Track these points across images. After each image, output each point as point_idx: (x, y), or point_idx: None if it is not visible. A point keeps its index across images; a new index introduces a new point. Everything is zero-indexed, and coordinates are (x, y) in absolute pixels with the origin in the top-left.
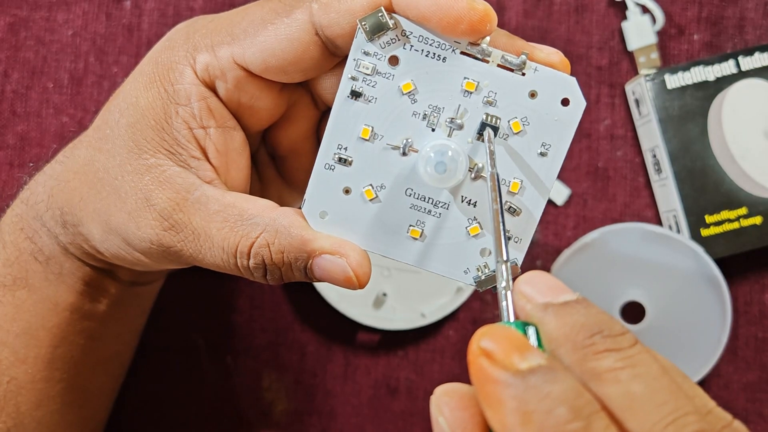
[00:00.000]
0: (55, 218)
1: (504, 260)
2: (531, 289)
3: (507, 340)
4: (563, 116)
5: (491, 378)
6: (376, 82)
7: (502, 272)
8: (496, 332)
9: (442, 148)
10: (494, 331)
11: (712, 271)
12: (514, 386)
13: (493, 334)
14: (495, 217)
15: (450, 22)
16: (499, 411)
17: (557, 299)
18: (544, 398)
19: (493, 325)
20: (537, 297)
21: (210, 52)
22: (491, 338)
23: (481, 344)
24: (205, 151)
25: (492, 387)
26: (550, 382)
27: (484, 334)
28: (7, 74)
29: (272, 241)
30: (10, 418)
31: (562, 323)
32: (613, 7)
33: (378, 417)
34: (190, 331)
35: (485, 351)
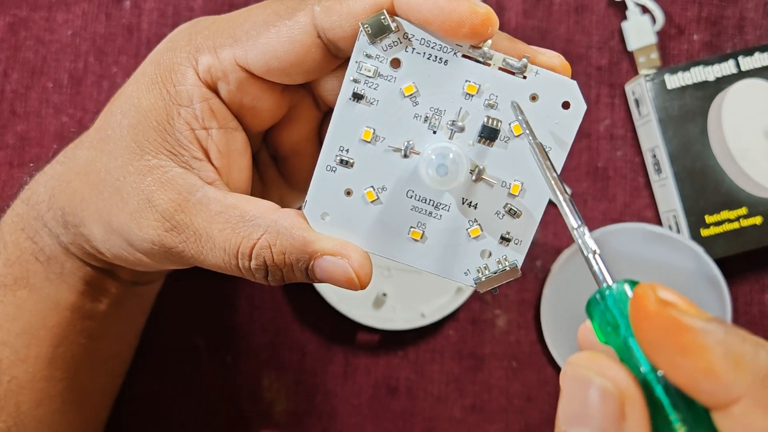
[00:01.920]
0: (57, 218)
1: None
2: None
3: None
4: (564, 119)
5: (687, 326)
6: (377, 84)
7: (583, 238)
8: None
9: (444, 151)
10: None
11: (712, 271)
12: (715, 333)
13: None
14: (556, 185)
15: (452, 25)
16: (703, 358)
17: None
18: (745, 342)
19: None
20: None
21: (212, 53)
22: (667, 291)
23: (661, 295)
24: (207, 152)
25: (689, 335)
26: (735, 329)
27: (653, 287)
28: (6, 74)
29: (274, 243)
30: (11, 417)
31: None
32: (612, 7)
33: (378, 417)
34: (190, 331)
35: (668, 302)
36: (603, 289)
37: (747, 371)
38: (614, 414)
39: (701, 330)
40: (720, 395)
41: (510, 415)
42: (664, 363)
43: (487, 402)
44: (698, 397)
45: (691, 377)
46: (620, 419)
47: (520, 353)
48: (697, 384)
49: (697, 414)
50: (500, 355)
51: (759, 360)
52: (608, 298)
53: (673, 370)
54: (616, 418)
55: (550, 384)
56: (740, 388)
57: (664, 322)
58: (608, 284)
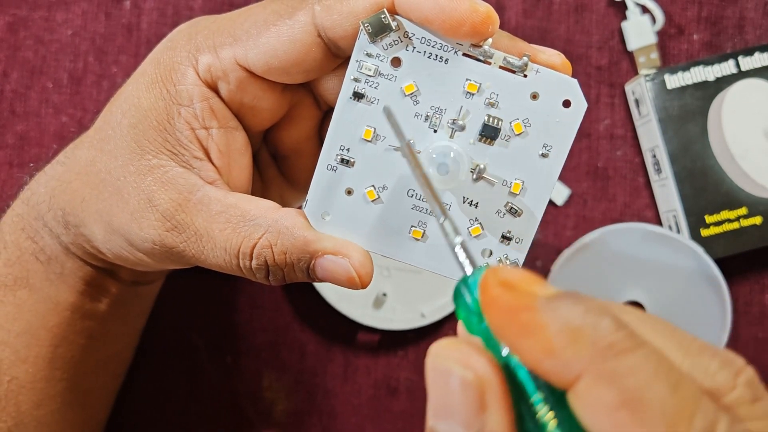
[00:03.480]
0: (57, 219)
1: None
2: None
3: (521, 274)
4: (564, 118)
5: (525, 306)
6: (378, 83)
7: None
8: (506, 269)
9: (445, 150)
10: (504, 269)
11: (712, 271)
12: (551, 309)
13: (505, 270)
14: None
15: (452, 24)
16: (542, 336)
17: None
18: (585, 314)
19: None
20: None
21: (212, 53)
22: (507, 273)
23: (502, 277)
24: (208, 152)
25: (527, 315)
26: (580, 301)
27: (494, 271)
28: (6, 74)
29: (275, 242)
30: (11, 418)
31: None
32: (612, 6)
33: (378, 417)
34: (190, 332)
35: (507, 284)
36: (465, 277)
37: (585, 345)
38: (475, 404)
39: (539, 308)
40: (563, 374)
41: None
42: (512, 346)
43: None
44: (548, 378)
45: (535, 358)
46: (481, 409)
47: None
48: (542, 365)
49: (557, 396)
50: None
51: (599, 331)
52: (469, 287)
53: (520, 353)
54: (477, 408)
55: None
56: (580, 363)
57: (504, 305)
58: (469, 272)
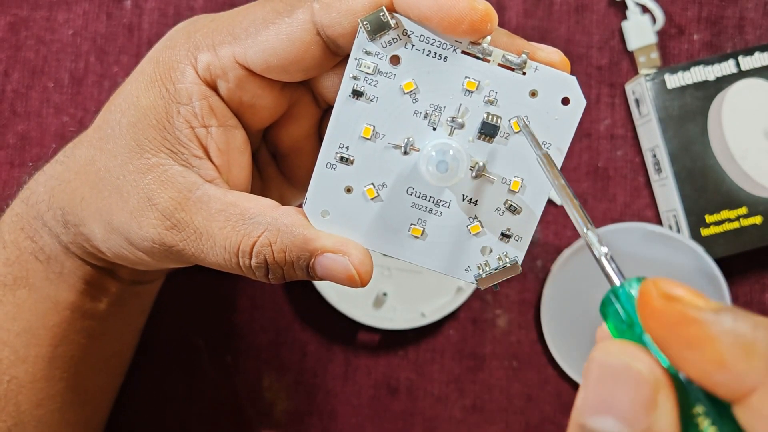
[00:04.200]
0: (56, 218)
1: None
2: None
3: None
4: (563, 115)
5: (692, 319)
6: (377, 81)
7: (593, 240)
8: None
9: (444, 147)
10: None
11: (712, 271)
12: (721, 323)
13: (666, 282)
14: (564, 192)
15: (451, 21)
16: (711, 350)
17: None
18: (755, 329)
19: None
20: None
21: (211, 51)
22: (671, 285)
23: (665, 290)
24: (207, 150)
25: (696, 328)
26: (746, 316)
27: (656, 283)
28: (7, 74)
29: (274, 240)
30: (11, 417)
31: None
32: (613, 6)
33: (378, 417)
34: (190, 331)
35: (672, 296)
36: (615, 288)
37: (760, 358)
38: (646, 401)
39: (707, 321)
40: (735, 387)
41: (510, 415)
42: (676, 358)
43: (487, 402)
44: (715, 390)
45: (703, 371)
46: (652, 407)
47: (520, 353)
48: (711, 377)
49: (720, 408)
50: (501, 354)
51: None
52: (620, 297)
53: (686, 365)
54: (648, 406)
55: (551, 384)
56: (755, 376)
57: (669, 317)
58: (619, 283)
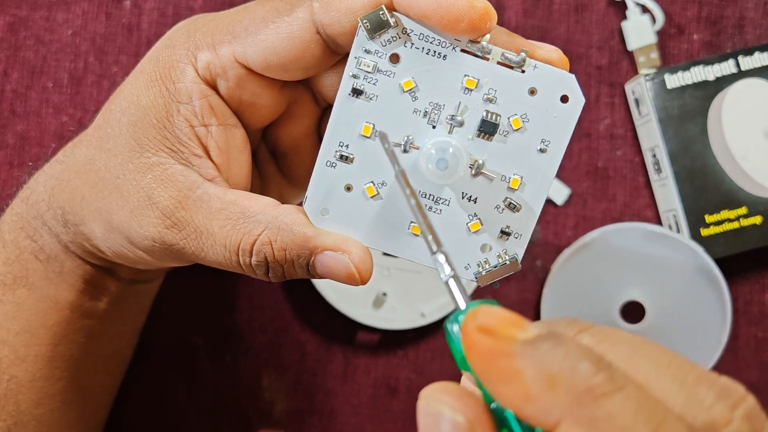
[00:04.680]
0: (56, 217)
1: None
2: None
3: (500, 317)
4: (562, 113)
5: (502, 352)
6: (377, 79)
7: (441, 262)
8: (486, 311)
9: (443, 145)
10: (484, 311)
11: (712, 271)
12: (529, 355)
13: (484, 313)
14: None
15: (450, 20)
16: (519, 383)
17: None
18: (564, 358)
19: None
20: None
21: (211, 50)
22: (486, 316)
23: (478, 323)
24: (207, 149)
25: (505, 361)
26: (560, 343)
27: (473, 314)
28: (6, 74)
29: (274, 239)
30: (11, 417)
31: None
32: (612, 6)
33: (378, 417)
34: (189, 331)
35: (484, 329)
36: (456, 314)
37: (563, 390)
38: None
39: (516, 353)
40: (544, 419)
41: None
42: (492, 392)
43: None
44: (529, 422)
45: (514, 404)
46: None
47: None
48: (522, 410)
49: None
50: None
51: (577, 376)
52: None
53: (500, 399)
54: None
55: None
56: (558, 409)
57: (483, 351)
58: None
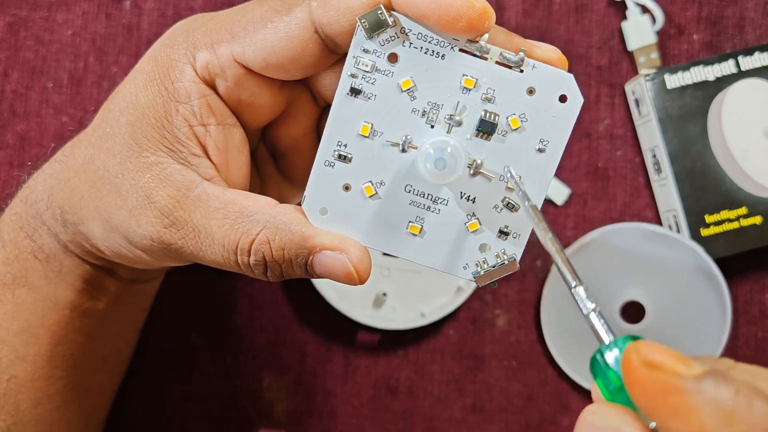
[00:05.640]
0: (55, 217)
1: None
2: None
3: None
4: (561, 112)
5: (673, 388)
6: (375, 79)
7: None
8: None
9: (442, 145)
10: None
11: (712, 271)
12: (701, 392)
13: (648, 348)
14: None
15: (449, 19)
16: (693, 419)
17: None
18: (737, 397)
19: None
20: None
21: (210, 50)
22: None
23: (645, 356)
24: (206, 149)
25: (676, 397)
26: (729, 381)
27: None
28: (6, 74)
29: (273, 238)
30: (10, 416)
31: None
32: (612, 6)
33: (378, 417)
34: (189, 331)
35: (650, 363)
36: (602, 349)
37: (740, 426)
38: None
39: (688, 390)
40: None
41: (510, 415)
42: (660, 424)
43: (487, 402)
44: None
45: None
46: None
47: (520, 353)
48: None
49: None
50: (500, 354)
51: (753, 413)
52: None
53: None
54: None
55: (551, 384)
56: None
57: (651, 386)
58: (607, 341)
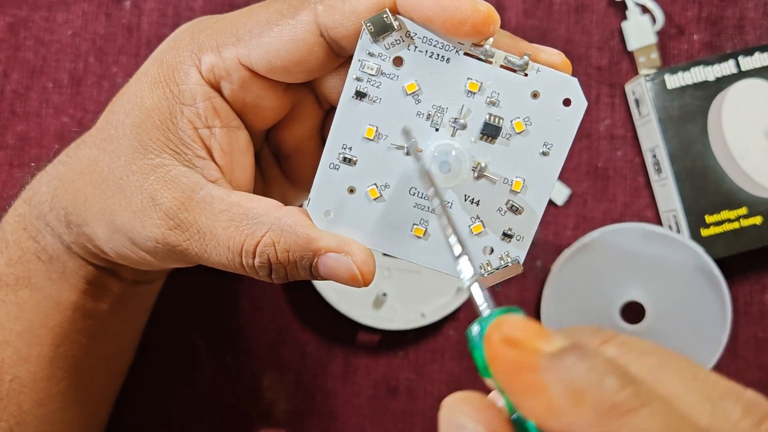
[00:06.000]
0: (59, 218)
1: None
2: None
3: (526, 328)
4: (565, 116)
5: (527, 365)
6: (380, 82)
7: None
8: (510, 322)
9: (446, 148)
10: (508, 321)
11: (712, 271)
12: (554, 369)
13: (508, 323)
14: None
15: (454, 23)
16: (544, 397)
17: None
18: (589, 373)
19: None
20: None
21: (215, 52)
22: (511, 327)
23: (502, 334)
24: (210, 151)
25: (529, 375)
26: (586, 357)
27: (498, 324)
28: (6, 74)
29: (277, 240)
30: (12, 417)
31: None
32: (613, 7)
33: (378, 417)
34: (190, 331)
35: (509, 340)
36: (479, 320)
37: (588, 406)
38: None
39: (542, 367)
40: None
41: None
42: (516, 404)
43: None
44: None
45: (539, 417)
46: None
47: None
48: (546, 424)
49: None
50: None
51: (602, 391)
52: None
53: (525, 412)
54: None
55: None
56: (583, 425)
57: (508, 364)
58: (487, 314)
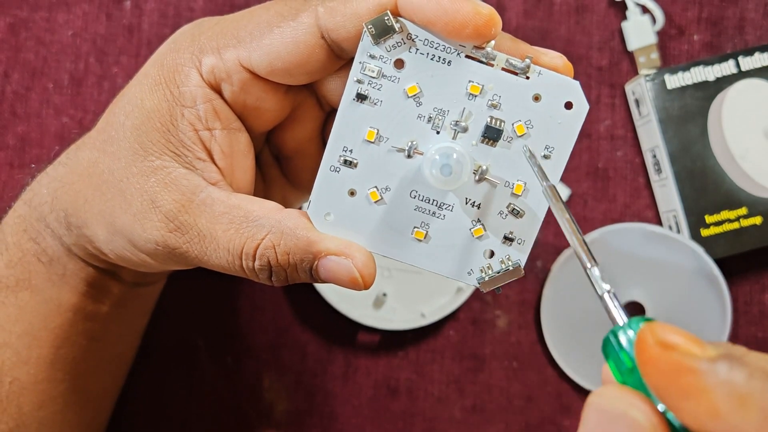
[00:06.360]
0: (59, 220)
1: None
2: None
3: (681, 333)
4: (566, 119)
5: (686, 368)
6: (381, 85)
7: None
8: (664, 327)
9: (447, 151)
10: (662, 327)
11: (712, 271)
12: (716, 373)
13: (663, 329)
14: (569, 226)
15: (455, 26)
16: (705, 400)
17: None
18: (750, 379)
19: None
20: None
21: (216, 54)
22: (666, 332)
23: (661, 337)
24: (211, 153)
25: (689, 377)
26: (743, 364)
27: (652, 329)
28: (7, 75)
29: (278, 243)
30: (12, 419)
31: None
32: (613, 7)
33: (378, 417)
34: (190, 332)
35: (665, 344)
36: (615, 329)
37: (754, 409)
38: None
39: (702, 371)
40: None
41: (510, 416)
42: (672, 406)
43: (487, 402)
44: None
45: (698, 420)
46: None
47: (520, 354)
48: (705, 427)
49: None
50: (500, 355)
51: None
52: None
53: (682, 414)
54: None
55: (551, 384)
56: (749, 428)
57: (665, 366)
58: (621, 323)
